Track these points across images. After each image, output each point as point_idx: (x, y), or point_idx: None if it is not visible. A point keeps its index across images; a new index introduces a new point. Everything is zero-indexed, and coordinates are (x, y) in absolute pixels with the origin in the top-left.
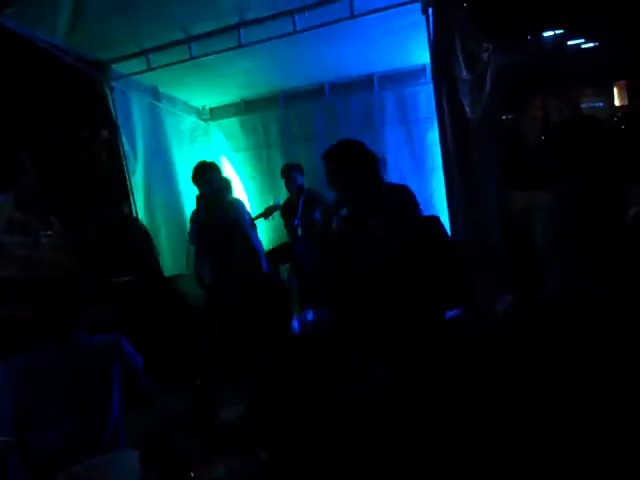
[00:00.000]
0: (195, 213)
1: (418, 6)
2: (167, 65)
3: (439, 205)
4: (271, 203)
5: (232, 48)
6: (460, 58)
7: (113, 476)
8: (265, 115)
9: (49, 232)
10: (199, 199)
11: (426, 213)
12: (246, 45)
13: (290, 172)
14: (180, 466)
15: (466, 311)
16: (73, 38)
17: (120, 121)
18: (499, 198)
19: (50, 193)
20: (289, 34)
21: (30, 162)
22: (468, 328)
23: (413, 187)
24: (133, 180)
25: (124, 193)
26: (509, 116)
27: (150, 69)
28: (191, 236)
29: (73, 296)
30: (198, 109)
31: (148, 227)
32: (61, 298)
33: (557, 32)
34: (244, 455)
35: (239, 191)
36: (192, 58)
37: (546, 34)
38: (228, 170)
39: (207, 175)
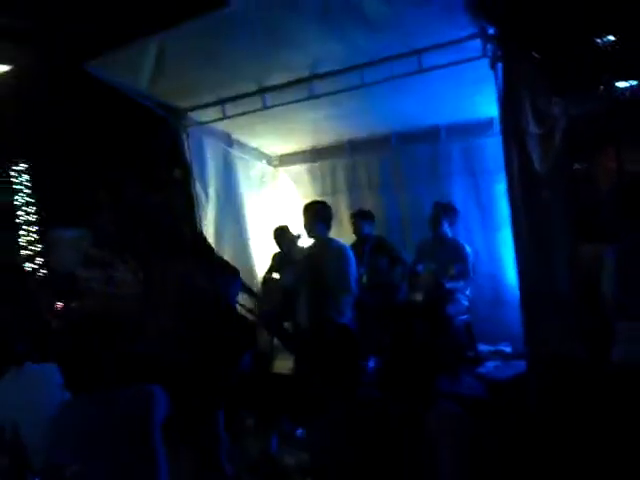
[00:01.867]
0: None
1: (486, 61)
2: (241, 114)
3: (506, 258)
4: None
5: (303, 99)
6: (529, 112)
7: None
8: (332, 163)
9: (121, 269)
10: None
11: (493, 265)
12: (317, 97)
13: (357, 219)
14: None
15: (531, 368)
16: (155, 86)
17: (194, 166)
18: (568, 252)
19: (125, 232)
20: (358, 87)
21: (108, 201)
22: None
23: (480, 239)
24: (205, 222)
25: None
26: (579, 167)
27: (225, 117)
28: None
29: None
30: (268, 155)
31: None
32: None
33: (630, 82)
34: None
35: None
36: (265, 108)
37: (618, 84)
38: (295, 216)
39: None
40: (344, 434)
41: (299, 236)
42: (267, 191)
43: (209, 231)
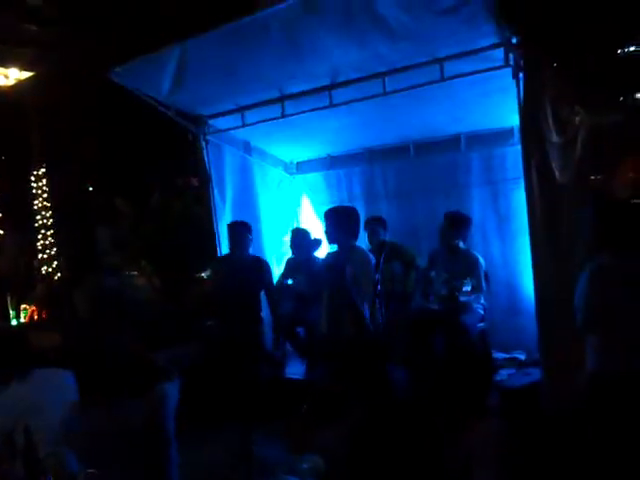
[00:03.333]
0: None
1: (508, 71)
2: (261, 122)
3: (522, 267)
4: None
5: (323, 107)
6: (550, 122)
7: None
8: (349, 171)
9: (136, 274)
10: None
11: (509, 273)
12: (337, 105)
13: (372, 226)
14: None
15: (547, 378)
16: (176, 94)
17: (212, 172)
18: (587, 262)
19: (142, 236)
20: (378, 95)
21: (126, 208)
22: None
23: (497, 247)
24: (222, 228)
25: (211, 240)
26: (600, 177)
27: (244, 125)
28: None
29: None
30: (285, 162)
31: None
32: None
33: None
34: None
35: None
36: (284, 116)
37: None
38: (311, 223)
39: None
40: (364, 441)
41: (319, 241)
42: (284, 198)
43: (224, 236)
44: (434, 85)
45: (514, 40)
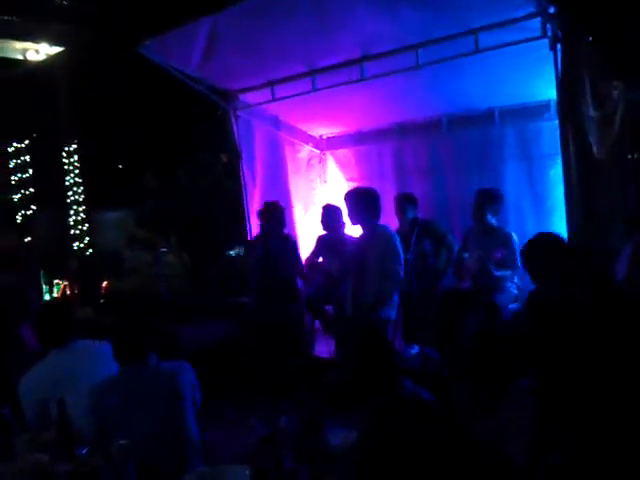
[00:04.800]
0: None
1: (546, 42)
2: (291, 96)
3: None
4: None
5: (354, 81)
6: (588, 96)
7: None
8: (380, 146)
9: (166, 250)
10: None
11: None
12: (368, 79)
13: (402, 203)
14: None
15: None
16: (206, 69)
17: (242, 147)
18: (626, 239)
19: (171, 212)
20: (411, 68)
21: (154, 184)
22: None
23: (531, 225)
24: (250, 203)
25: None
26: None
27: (274, 99)
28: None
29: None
30: (315, 138)
31: None
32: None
33: None
34: None
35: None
36: (315, 90)
37: None
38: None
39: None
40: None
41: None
42: (314, 174)
43: (254, 212)
44: (468, 57)
45: (551, 10)
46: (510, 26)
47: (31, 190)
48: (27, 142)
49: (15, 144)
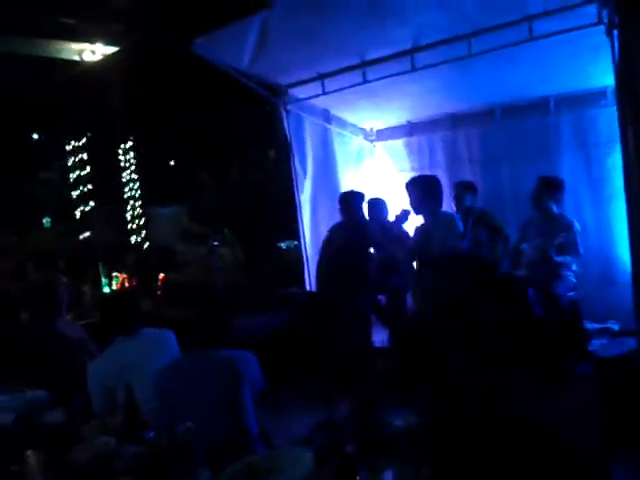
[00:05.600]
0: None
1: (602, 28)
2: (341, 89)
3: (617, 234)
4: None
5: (405, 72)
6: None
7: (289, 468)
8: (431, 137)
9: (219, 244)
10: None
11: (602, 241)
12: (419, 69)
13: (460, 190)
14: (350, 470)
15: None
16: (257, 64)
17: (293, 142)
18: None
19: (225, 207)
20: (463, 58)
21: (208, 180)
22: None
23: (589, 214)
24: (302, 198)
25: (292, 210)
26: None
27: (324, 93)
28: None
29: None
30: (365, 130)
31: (313, 243)
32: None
33: None
34: (409, 466)
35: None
36: (365, 82)
37: None
38: (393, 191)
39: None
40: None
41: (407, 212)
42: (364, 166)
43: (306, 207)
44: (522, 45)
45: None
46: (565, 13)
47: (89, 187)
48: (84, 140)
49: (73, 142)
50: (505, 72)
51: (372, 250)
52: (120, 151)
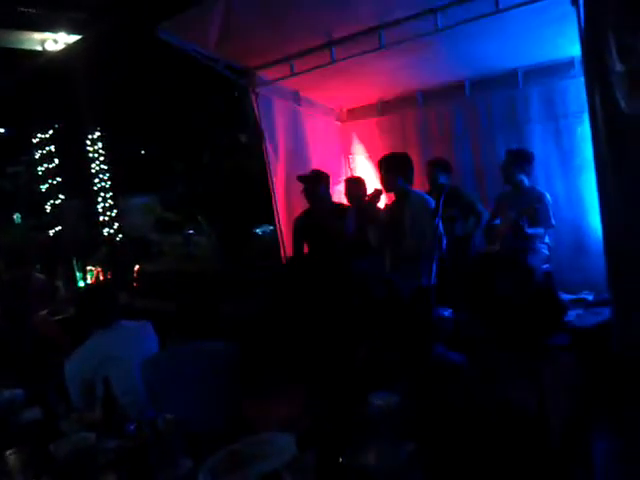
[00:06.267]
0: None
1: None
2: (309, 70)
3: (588, 204)
4: None
5: (373, 50)
6: (614, 50)
7: (272, 453)
8: (402, 115)
9: (194, 232)
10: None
11: (574, 211)
12: (387, 46)
13: (432, 168)
14: (332, 451)
15: (618, 323)
16: (223, 47)
17: (264, 125)
18: None
19: (198, 195)
20: (430, 33)
21: (179, 166)
22: (619, 342)
23: (560, 185)
24: (275, 180)
25: (266, 193)
26: None
27: (293, 74)
28: None
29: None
30: (336, 111)
31: (288, 226)
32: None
33: None
34: (394, 444)
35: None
36: (334, 62)
37: None
38: (364, 170)
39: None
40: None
41: (379, 192)
42: (337, 147)
43: (280, 190)
44: (488, 18)
45: None
46: None
47: (58, 180)
48: (51, 132)
49: (40, 135)
50: (472, 46)
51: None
52: (88, 142)
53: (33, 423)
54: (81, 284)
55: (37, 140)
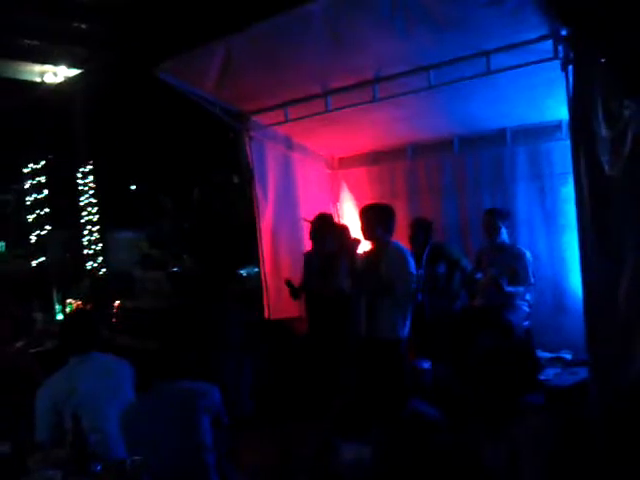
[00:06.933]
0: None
1: (557, 63)
2: (303, 117)
3: (570, 264)
4: None
5: (366, 102)
6: (600, 115)
7: None
8: (392, 166)
9: (177, 269)
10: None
11: (556, 270)
12: (380, 99)
13: (415, 229)
14: None
15: (595, 377)
16: (220, 91)
17: (255, 168)
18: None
19: (185, 233)
20: (423, 89)
21: (169, 204)
22: (595, 395)
23: (543, 243)
24: (263, 224)
25: (254, 235)
26: None
27: (287, 121)
28: None
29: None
30: (327, 159)
31: (273, 270)
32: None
33: None
34: None
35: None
36: (328, 111)
37: None
38: (353, 218)
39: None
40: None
41: (358, 241)
42: (326, 194)
43: (266, 232)
44: (480, 78)
45: (563, 32)
46: (522, 48)
47: (46, 210)
48: (43, 163)
49: (32, 165)
50: (463, 104)
51: None
52: (79, 175)
53: (1, 458)
54: (59, 317)
55: (28, 170)
